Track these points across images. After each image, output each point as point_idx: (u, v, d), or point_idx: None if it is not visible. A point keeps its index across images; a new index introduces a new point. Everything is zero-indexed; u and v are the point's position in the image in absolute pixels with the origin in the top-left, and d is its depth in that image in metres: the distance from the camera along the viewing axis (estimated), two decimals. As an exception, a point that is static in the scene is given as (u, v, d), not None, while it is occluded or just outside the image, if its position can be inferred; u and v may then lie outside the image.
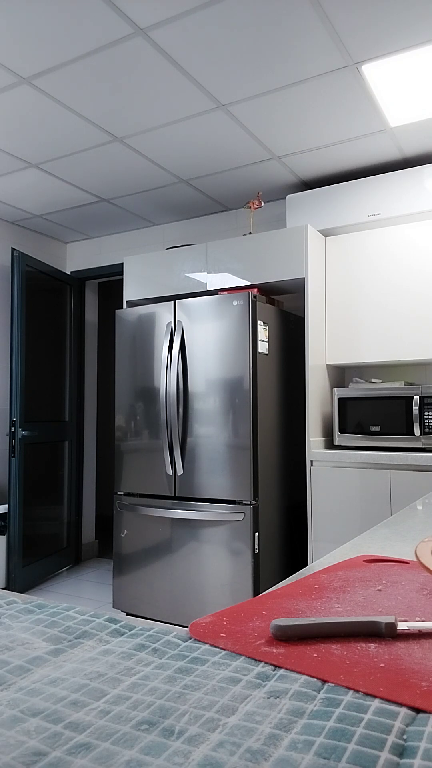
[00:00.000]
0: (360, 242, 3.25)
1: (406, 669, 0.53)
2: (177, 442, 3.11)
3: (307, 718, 0.45)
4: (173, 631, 0.64)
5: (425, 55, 2.31)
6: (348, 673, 0.52)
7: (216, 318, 3.04)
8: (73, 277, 4.65)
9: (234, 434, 2.96)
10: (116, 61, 2.36)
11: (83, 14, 2.09)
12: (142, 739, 0.42)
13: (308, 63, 2.37)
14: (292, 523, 3.26)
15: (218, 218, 4.12)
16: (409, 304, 3.10)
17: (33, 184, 3.61)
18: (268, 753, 0.40)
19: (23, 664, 0.55)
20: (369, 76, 2.45)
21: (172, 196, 3.80)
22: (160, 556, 3.16)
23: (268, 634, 0.62)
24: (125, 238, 4.54)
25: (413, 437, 2.91)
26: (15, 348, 3.90)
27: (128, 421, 3.33)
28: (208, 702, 0.48)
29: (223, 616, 0.67)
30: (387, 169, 3.32)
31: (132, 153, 3.19)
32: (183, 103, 2.67)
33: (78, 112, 2.75)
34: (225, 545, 2.95)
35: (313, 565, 0.92)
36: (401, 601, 0.72)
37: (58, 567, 4.28)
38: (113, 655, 0.57)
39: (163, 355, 3.17)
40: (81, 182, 3.58)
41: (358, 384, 3.32)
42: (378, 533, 1.16)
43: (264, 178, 3.50)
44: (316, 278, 3.22)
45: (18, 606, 0.73)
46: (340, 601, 0.73)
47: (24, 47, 2.28)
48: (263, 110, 2.73)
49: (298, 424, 3.35)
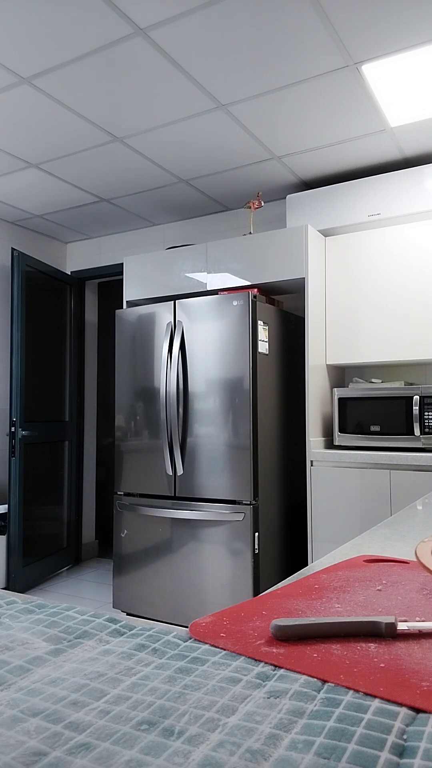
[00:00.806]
0: (360, 242, 3.25)
1: (406, 669, 0.53)
2: (177, 442, 3.11)
3: (307, 718, 0.45)
4: (173, 631, 0.64)
5: (425, 55, 2.31)
6: (348, 673, 0.52)
7: (216, 318, 3.04)
8: (73, 277, 4.65)
9: (234, 434, 2.96)
10: (116, 61, 2.36)
11: (83, 14, 2.09)
12: (142, 739, 0.42)
13: (308, 63, 2.37)
14: (292, 523, 3.26)
15: (218, 218, 4.12)
16: (409, 304, 3.10)
17: (33, 184, 3.61)
18: (268, 753, 0.40)
19: (23, 664, 0.55)
20: (369, 76, 2.45)
21: (172, 196, 3.80)
22: (160, 556, 3.16)
23: (268, 634, 0.62)
24: (125, 238, 4.54)
25: (413, 437, 2.91)
26: (15, 348, 3.90)
27: (128, 421, 3.33)
28: (208, 702, 0.48)
29: (223, 616, 0.67)
30: (387, 169, 3.32)
31: (132, 153, 3.19)
32: (183, 103, 2.67)
33: (78, 112, 2.75)
34: (225, 545, 2.95)
35: (313, 565, 0.92)
36: (401, 601, 0.72)
37: (58, 567, 4.28)
38: (113, 655, 0.57)
39: (163, 355, 3.17)
40: (81, 182, 3.58)
41: (358, 384, 3.32)
42: (378, 533, 1.16)
43: (264, 178, 3.50)
44: (316, 278, 3.22)
45: (18, 606, 0.73)
46: (340, 601, 0.73)
47: (24, 47, 2.28)
48: (263, 110, 2.73)
49: (298, 424, 3.35)
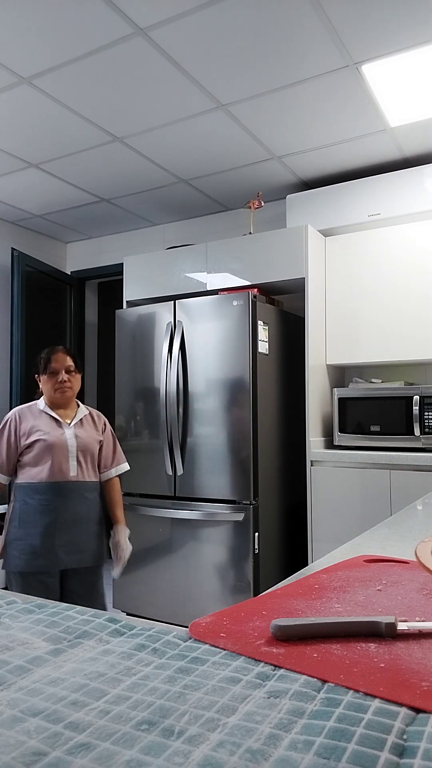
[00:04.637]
0: (360, 242, 3.25)
1: (406, 669, 0.53)
2: (177, 442, 3.11)
3: (307, 718, 0.45)
4: (173, 631, 0.64)
5: (425, 55, 2.31)
6: (348, 673, 0.52)
7: (216, 318, 3.04)
8: (73, 277, 4.65)
9: (234, 434, 2.96)
10: (116, 61, 2.36)
11: (83, 14, 2.09)
12: (142, 739, 0.42)
13: (308, 63, 2.37)
14: (292, 523, 3.26)
15: (218, 218, 4.12)
16: (409, 304, 3.10)
17: (33, 184, 3.61)
18: (268, 753, 0.40)
19: (23, 664, 0.55)
20: (369, 76, 2.45)
21: (172, 196, 3.80)
22: (160, 555, 3.16)
23: (268, 634, 0.62)
24: (125, 238, 4.54)
25: (413, 437, 2.91)
26: (15, 348, 3.90)
27: (128, 421, 3.33)
28: (208, 702, 0.48)
29: (223, 616, 0.67)
30: (387, 169, 3.32)
31: (132, 153, 3.19)
32: (183, 103, 2.67)
33: (78, 112, 2.75)
34: (225, 545, 2.95)
35: (313, 565, 0.92)
36: (401, 601, 0.72)
37: (58, 567, 4.27)
38: (113, 655, 0.57)
39: (163, 355, 3.17)
40: (81, 182, 3.58)
41: (358, 384, 3.32)
42: (378, 533, 1.16)
43: (264, 178, 3.50)
44: (316, 278, 3.22)
45: (18, 606, 0.73)
46: (340, 601, 0.73)
47: (24, 47, 2.28)
48: (263, 110, 2.73)
49: (298, 424, 3.35)
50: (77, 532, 2.09)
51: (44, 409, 2.14)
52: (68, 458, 2.09)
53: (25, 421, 2.12)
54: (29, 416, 2.14)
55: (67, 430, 2.12)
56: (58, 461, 2.07)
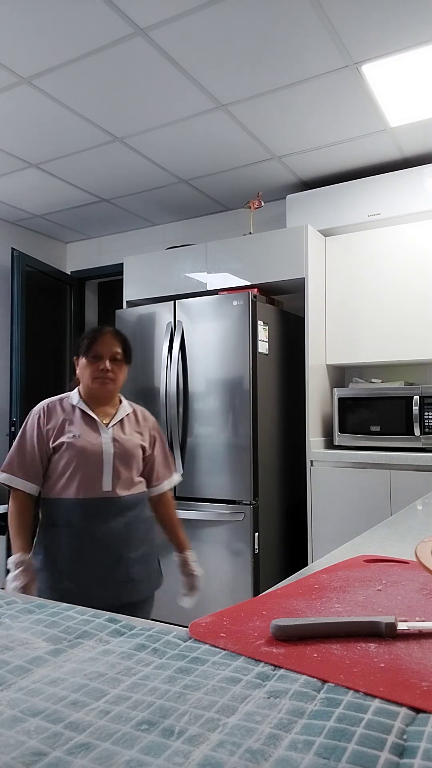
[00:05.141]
0: (360, 242, 3.25)
1: (406, 669, 0.53)
2: (177, 442, 3.11)
3: (307, 718, 0.45)
4: (173, 631, 0.64)
5: (425, 55, 2.31)
6: (348, 673, 0.52)
7: (216, 318, 3.04)
8: (73, 277, 4.65)
9: (234, 434, 2.96)
10: (116, 61, 2.36)
11: (83, 14, 2.09)
12: (142, 739, 0.42)
13: (308, 63, 2.37)
14: (292, 523, 3.26)
15: (218, 218, 4.12)
16: (409, 304, 3.10)
17: (33, 184, 3.61)
18: (268, 753, 0.40)
19: (23, 664, 0.55)
20: (369, 76, 2.45)
21: (172, 196, 3.80)
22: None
23: (268, 634, 0.62)
24: (125, 238, 4.53)
25: (413, 437, 2.91)
26: (15, 348, 3.90)
27: (128, 421, 3.32)
28: (208, 702, 0.48)
29: (223, 616, 0.67)
30: (387, 169, 3.32)
31: (132, 153, 3.19)
32: (183, 103, 2.67)
33: (78, 112, 2.75)
34: (225, 545, 2.95)
35: (313, 565, 0.92)
36: (401, 601, 0.72)
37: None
38: (113, 655, 0.57)
39: (163, 355, 3.17)
40: (81, 182, 3.58)
41: (358, 384, 3.32)
42: (378, 533, 1.16)
43: (264, 178, 3.50)
44: (316, 278, 3.22)
45: (18, 606, 0.73)
46: (340, 601, 0.73)
47: (24, 47, 2.28)
48: (263, 110, 2.73)
49: (298, 424, 3.35)
50: (114, 561, 1.70)
51: (78, 405, 1.75)
52: (102, 468, 1.69)
53: (54, 416, 1.73)
54: (59, 411, 1.74)
55: (104, 434, 1.72)
56: (90, 472, 1.68)
